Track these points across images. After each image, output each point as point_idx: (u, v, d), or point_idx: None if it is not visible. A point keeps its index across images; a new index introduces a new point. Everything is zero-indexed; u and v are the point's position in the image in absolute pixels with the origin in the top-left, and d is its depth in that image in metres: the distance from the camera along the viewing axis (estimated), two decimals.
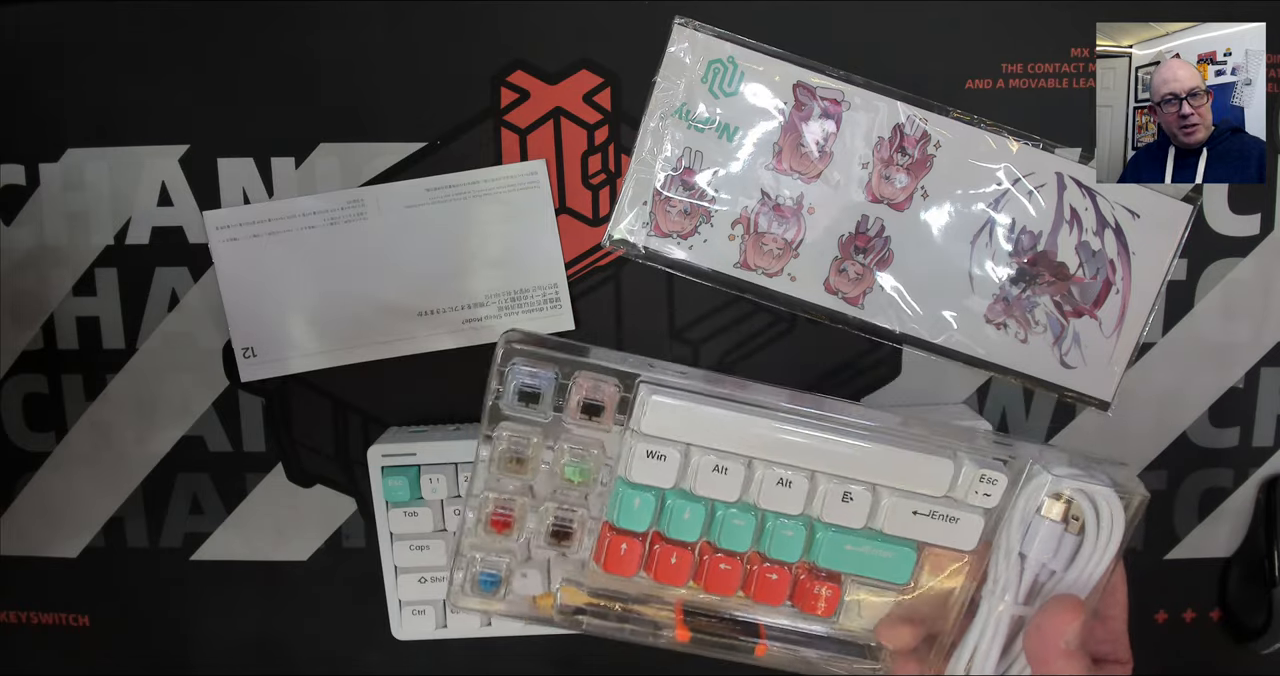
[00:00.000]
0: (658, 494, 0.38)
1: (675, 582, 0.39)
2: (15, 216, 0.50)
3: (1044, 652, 0.35)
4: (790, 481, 0.38)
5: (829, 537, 0.39)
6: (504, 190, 0.49)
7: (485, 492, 0.39)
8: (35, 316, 0.51)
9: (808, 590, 0.40)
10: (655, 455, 0.37)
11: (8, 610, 0.54)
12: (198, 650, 0.54)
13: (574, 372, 0.37)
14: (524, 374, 0.37)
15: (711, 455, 0.37)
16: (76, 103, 0.49)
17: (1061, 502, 0.37)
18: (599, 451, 0.38)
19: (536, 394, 0.37)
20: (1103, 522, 0.37)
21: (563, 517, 0.39)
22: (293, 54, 0.49)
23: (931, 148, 0.47)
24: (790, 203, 0.48)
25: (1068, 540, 0.37)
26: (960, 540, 0.38)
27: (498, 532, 0.39)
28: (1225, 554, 0.52)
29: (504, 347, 0.36)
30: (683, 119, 0.47)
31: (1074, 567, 0.37)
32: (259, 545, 0.53)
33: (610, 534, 0.39)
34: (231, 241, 0.50)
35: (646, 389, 0.37)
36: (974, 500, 0.38)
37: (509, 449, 0.38)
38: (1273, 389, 0.50)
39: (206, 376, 0.51)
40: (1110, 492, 0.36)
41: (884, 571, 0.39)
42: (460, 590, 0.40)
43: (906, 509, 0.38)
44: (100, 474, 0.52)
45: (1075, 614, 0.35)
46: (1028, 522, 0.37)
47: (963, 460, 0.38)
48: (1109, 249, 0.48)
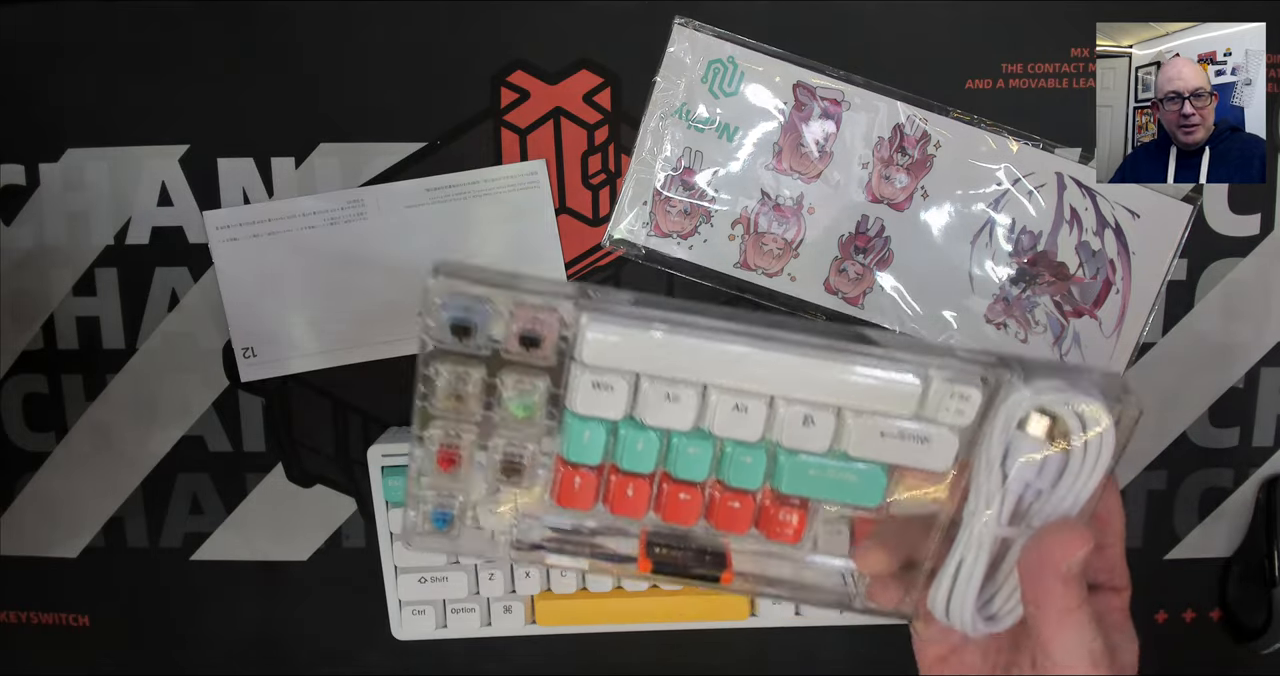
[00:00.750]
0: (608, 425, 0.36)
1: (634, 514, 0.38)
2: (15, 216, 0.50)
3: (1040, 573, 0.33)
4: (746, 407, 0.35)
5: (791, 463, 0.36)
6: (504, 190, 0.49)
7: (430, 430, 0.37)
8: (35, 316, 0.51)
9: (773, 517, 0.37)
10: (601, 386, 0.35)
11: (8, 610, 0.54)
12: (198, 650, 0.54)
13: (511, 303, 0.35)
14: (456, 306, 0.34)
15: (661, 383, 0.35)
16: (76, 103, 0.49)
17: (1045, 418, 0.34)
18: (544, 384, 0.36)
19: (469, 326, 0.34)
20: (1090, 439, 0.33)
21: (512, 453, 0.37)
22: (293, 54, 0.49)
23: (931, 148, 0.47)
24: (790, 203, 0.48)
25: (1053, 458, 0.34)
26: (934, 461, 0.35)
27: (445, 470, 0.37)
28: (1225, 554, 0.52)
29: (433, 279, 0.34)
30: (683, 119, 0.47)
31: (1060, 487, 0.34)
32: (259, 545, 0.53)
33: (564, 468, 0.37)
34: (231, 241, 0.50)
35: (587, 317, 0.34)
36: (946, 418, 0.35)
37: (448, 384, 0.36)
38: (1273, 389, 0.50)
39: (206, 376, 0.51)
40: (1097, 405, 0.33)
41: (853, 495, 0.36)
42: (415, 529, 0.38)
43: (873, 430, 0.35)
44: (100, 474, 0.52)
45: (1083, 541, 0.33)
46: (1008, 440, 0.34)
47: (932, 376, 0.35)
48: (1109, 249, 0.48)
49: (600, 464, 0.37)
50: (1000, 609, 0.36)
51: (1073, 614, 0.33)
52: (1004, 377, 0.34)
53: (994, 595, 0.36)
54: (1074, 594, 0.33)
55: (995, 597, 0.36)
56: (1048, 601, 0.33)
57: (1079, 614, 0.33)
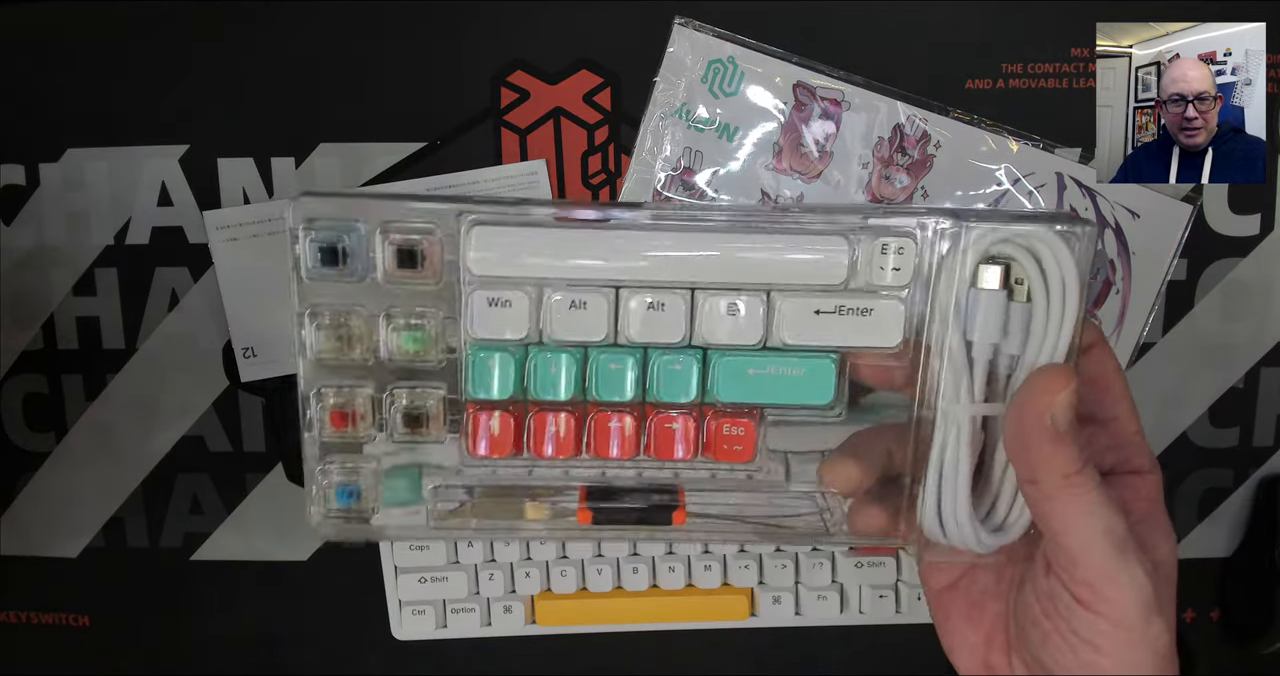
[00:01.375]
0: (516, 351, 0.32)
1: (561, 454, 0.33)
2: (15, 216, 0.50)
3: (1025, 434, 0.28)
4: (663, 304, 0.31)
5: (724, 364, 0.32)
6: (504, 190, 0.49)
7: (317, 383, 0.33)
8: (35, 316, 0.51)
9: (716, 434, 0.33)
10: (498, 302, 0.31)
11: (8, 610, 0.54)
12: (198, 650, 0.54)
13: (383, 218, 0.31)
14: (324, 229, 0.30)
15: (565, 290, 0.31)
16: (76, 103, 0.49)
17: (997, 266, 0.30)
18: (438, 312, 0.32)
19: (340, 250, 0.31)
20: (1049, 274, 0.29)
21: (414, 400, 0.33)
22: (293, 54, 0.49)
23: (931, 148, 0.47)
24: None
25: (1017, 310, 0.30)
26: (881, 335, 0.31)
27: (338, 429, 0.33)
28: (1225, 554, 0.52)
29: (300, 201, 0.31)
30: (683, 119, 0.47)
31: (1032, 342, 0.30)
32: (259, 545, 0.53)
33: (474, 410, 0.33)
34: (232, 241, 0.50)
35: (469, 222, 0.31)
36: (880, 279, 0.31)
37: (330, 324, 0.32)
38: (1273, 389, 0.50)
39: (206, 376, 0.51)
40: (1046, 232, 0.29)
41: (799, 393, 0.32)
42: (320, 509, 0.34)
43: (805, 309, 0.31)
44: (100, 474, 0.52)
45: (1061, 381, 0.27)
46: (962, 299, 0.30)
47: (859, 236, 0.31)
48: (1109, 249, 0.48)
49: (514, 399, 0.33)
50: (1006, 515, 0.31)
51: (1075, 482, 0.27)
52: (939, 227, 0.30)
53: (996, 498, 0.31)
54: (1068, 453, 0.27)
55: (998, 501, 0.31)
56: (1041, 468, 0.28)
57: (1083, 482, 0.27)
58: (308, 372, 0.32)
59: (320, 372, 0.33)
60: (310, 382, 0.32)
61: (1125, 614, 0.28)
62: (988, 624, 0.33)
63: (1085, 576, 0.28)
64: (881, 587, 0.49)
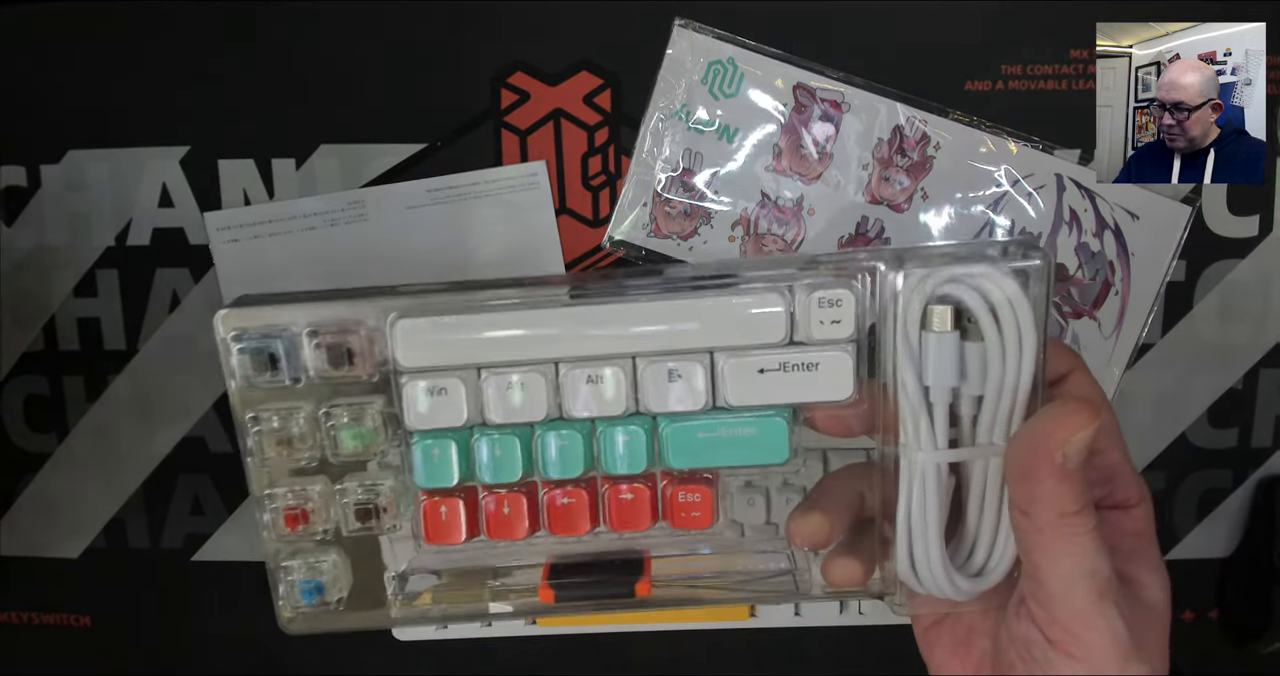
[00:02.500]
0: (461, 436, 0.32)
1: (515, 536, 0.33)
2: (16, 218, 0.50)
3: (1030, 465, 0.26)
4: (601, 376, 0.31)
5: (672, 430, 0.31)
6: (504, 191, 0.49)
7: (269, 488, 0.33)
8: (36, 317, 0.51)
9: (673, 501, 0.32)
10: (435, 390, 0.31)
11: (8, 610, 0.54)
12: (198, 650, 0.54)
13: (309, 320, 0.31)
14: (253, 337, 0.31)
15: (499, 371, 0.31)
16: (77, 103, 0.49)
17: (946, 306, 0.28)
18: (377, 405, 0.32)
19: (271, 357, 0.31)
20: (1000, 312, 0.28)
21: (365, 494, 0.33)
22: (293, 54, 0.49)
23: (931, 149, 0.47)
24: (790, 204, 0.48)
25: (973, 350, 0.28)
26: (831, 389, 0.30)
27: (292, 530, 0.33)
28: (1225, 554, 0.52)
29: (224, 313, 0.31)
30: (683, 120, 0.48)
31: (990, 383, 0.28)
32: (259, 545, 0.53)
33: (425, 498, 0.32)
34: (232, 243, 0.50)
35: (394, 316, 0.30)
36: (822, 333, 0.30)
37: (273, 429, 0.32)
38: (1272, 389, 0.50)
39: (207, 377, 0.51)
40: (990, 270, 0.28)
41: (754, 454, 0.31)
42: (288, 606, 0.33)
43: (748, 369, 0.30)
44: (101, 475, 0.52)
45: (1085, 418, 0.26)
46: (914, 344, 0.29)
47: (795, 289, 0.30)
48: (1108, 250, 0.48)
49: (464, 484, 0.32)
50: (985, 562, 0.30)
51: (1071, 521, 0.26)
52: (882, 273, 0.29)
53: (973, 544, 0.30)
54: (1072, 493, 0.26)
55: (976, 547, 0.30)
56: (1039, 502, 0.26)
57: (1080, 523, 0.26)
58: (256, 476, 0.32)
59: (268, 475, 0.33)
60: (260, 486, 0.33)
61: (1101, 660, 0.27)
62: (974, 659, 0.32)
63: (1062, 617, 0.27)
64: None
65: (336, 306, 0.31)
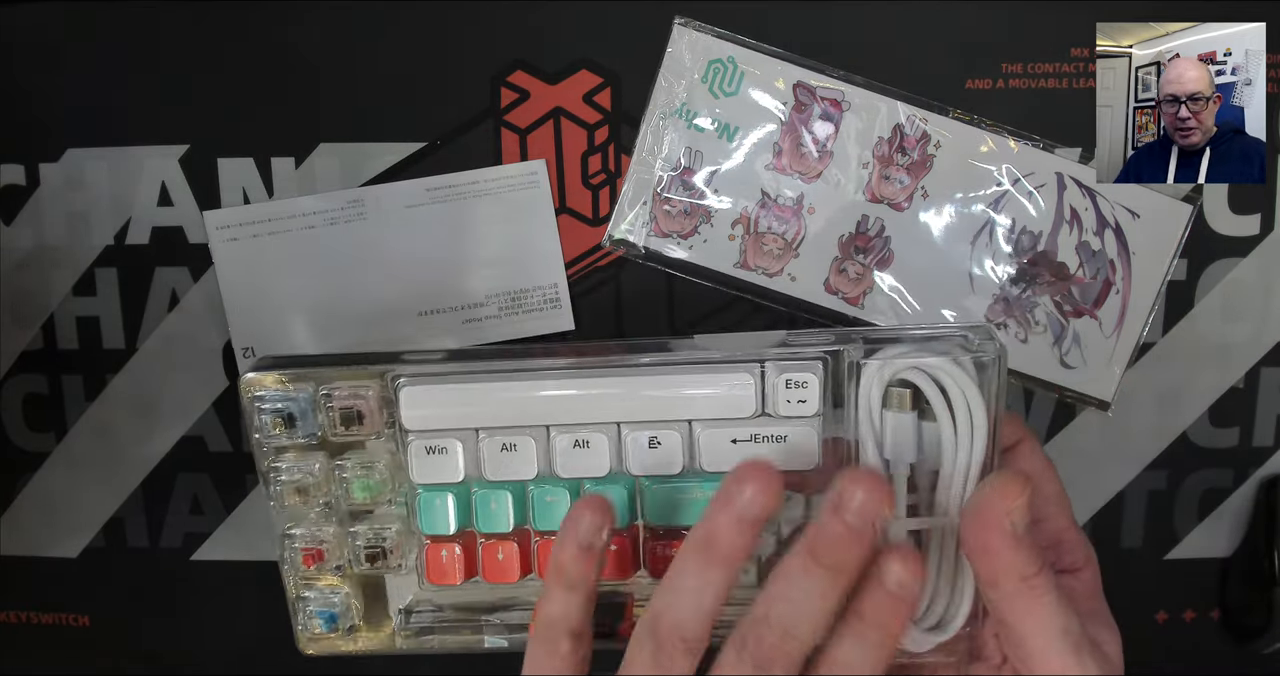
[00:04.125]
0: (460, 489, 0.35)
1: (508, 580, 0.36)
2: (15, 216, 0.50)
3: (985, 539, 0.28)
4: (588, 441, 0.34)
5: (653, 491, 0.34)
6: (504, 190, 0.49)
7: (288, 529, 0.37)
8: (35, 316, 0.51)
9: (656, 554, 0.35)
10: (435, 450, 0.34)
11: (8, 610, 0.54)
12: (198, 650, 0.54)
13: (326, 384, 0.34)
14: (274, 398, 0.35)
15: (495, 435, 0.34)
16: (76, 103, 0.49)
17: (906, 389, 0.31)
18: (383, 461, 0.36)
19: (290, 416, 0.35)
20: (953, 398, 0.31)
21: (374, 538, 0.37)
22: (293, 54, 0.49)
23: (931, 148, 0.47)
24: (790, 203, 0.48)
25: (929, 429, 0.31)
26: (798, 459, 0.33)
27: (308, 567, 0.37)
28: (1225, 554, 0.52)
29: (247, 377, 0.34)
30: (682, 119, 0.47)
31: (945, 461, 0.31)
32: (259, 545, 0.53)
33: (428, 543, 0.36)
34: (232, 241, 0.50)
35: (400, 382, 0.34)
36: (788, 410, 0.33)
37: (289, 481, 0.36)
38: (1273, 389, 0.50)
39: (206, 376, 0.51)
40: (944, 361, 0.31)
41: None
42: (306, 632, 0.38)
43: (722, 439, 0.33)
44: (100, 474, 0.52)
45: (1015, 489, 0.28)
46: (876, 421, 0.32)
47: (766, 369, 0.33)
48: (1109, 249, 0.48)
49: (461, 531, 0.36)
50: (940, 617, 0.32)
51: (1035, 585, 0.28)
52: (847, 356, 0.32)
53: (931, 601, 0.33)
54: (1027, 556, 0.28)
55: (933, 604, 0.33)
56: (1001, 572, 0.28)
57: (1042, 583, 0.28)
58: (277, 519, 0.36)
59: (287, 519, 0.37)
60: (280, 526, 0.37)
61: None
62: None
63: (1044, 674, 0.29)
64: None
65: (347, 372, 0.34)
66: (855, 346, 0.32)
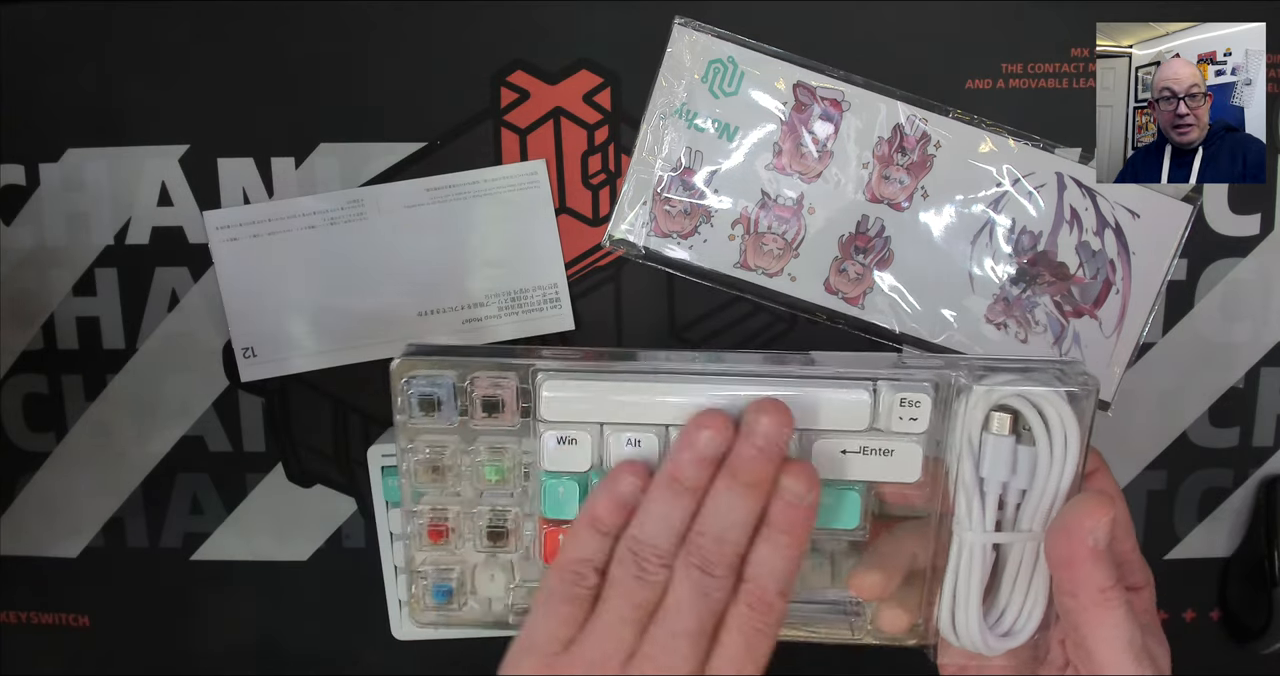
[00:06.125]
0: (580, 478, 0.37)
1: None
2: (15, 216, 0.50)
3: (1070, 552, 0.32)
4: None
5: None
6: (504, 190, 0.49)
7: (417, 505, 0.39)
8: (35, 316, 0.51)
9: None
10: (566, 441, 0.37)
11: (8, 610, 0.54)
12: (198, 650, 0.54)
13: (471, 374, 0.37)
14: (422, 383, 0.37)
15: (622, 430, 0.36)
16: (76, 103, 0.49)
17: (1006, 414, 0.34)
18: (515, 447, 0.38)
19: (436, 400, 0.37)
20: (1052, 425, 0.34)
21: (496, 518, 0.39)
22: (293, 54, 0.49)
23: (931, 148, 0.47)
24: (790, 202, 0.48)
25: (1024, 453, 0.34)
26: (902, 472, 0.36)
27: (434, 542, 0.39)
28: (1225, 554, 0.52)
29: (400, 361, 0.37)
30: (683, 119, 0.47)
31: (1037, 481, 0.34)
32: (259, 545, 0.53)
33: (546, 526, 0.38)
34: (232, 241, 0.50)
35: (541, 376, 0.36)
36: (899, 427, 0.35)
37: (425, 459, 0.38)
38: (1273, 389, 0.50)
39: (206, 376, 0.51)
40: (1049, 391, 0.34)
41: (829, 518, 0.37)
42: (419, 604, 0.40)
43: (833, 449, 0.36)
44: (100, 474, 0.52)
45: (1104, 509, 0.32)
46: (975, 443, 0.34)
47: (880, 388, 0.35)
48: (1109, 249, 0.48)
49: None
50: (1013, 623, 0.35)
51: (1110, 597, 0.31)
52: (955, 381, 0.35)
53: (1004, 609, 0.35)
54: (1106, 570, 0.31)
55: (1006, 611, 0.35)
56: (1082, 584, 0.32)
57: (1116, 596, 0.31)
58: (408, 495, 0.39)
59: (418, 496, 0.39)
60: (410, 502, 0.39)
61: None
62: None
63: None
64: None
65: (493, 363, 0.37)
66: (964, 372, 0.35)
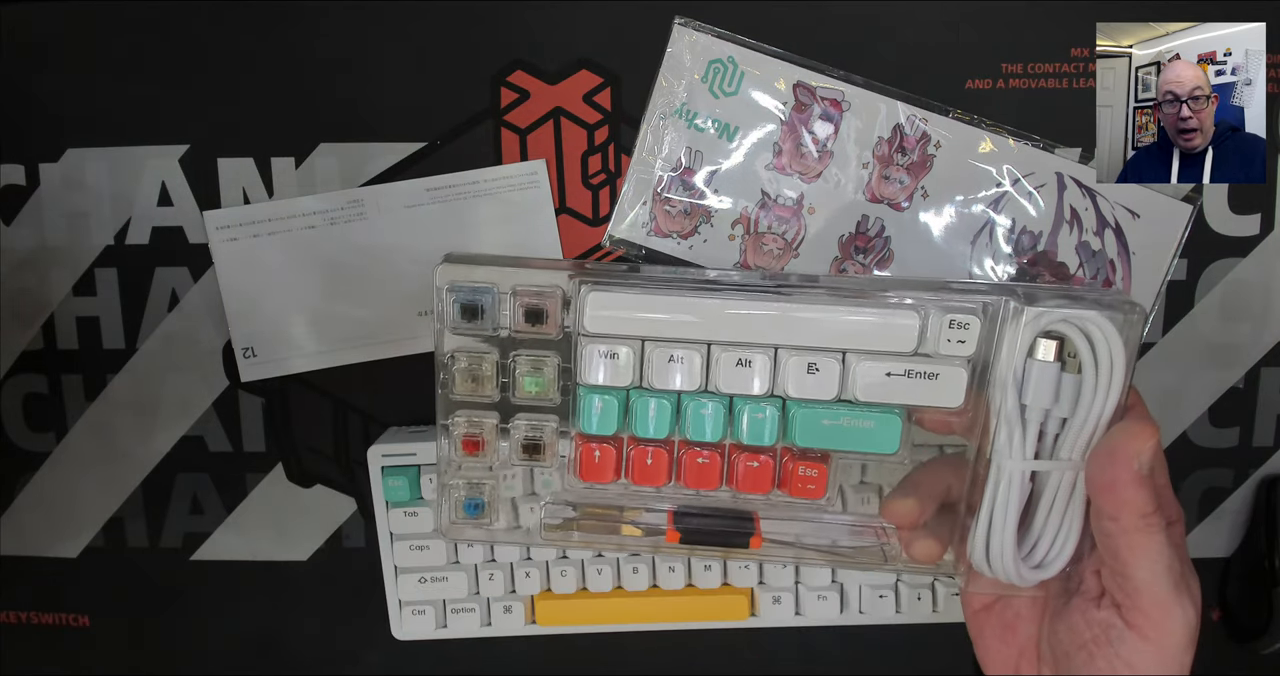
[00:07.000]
0: (620, 394, 0.37)
1: (654, 483, 0.38)
2: (15, 216, 0.50)
3: (1113, 476, 0.31)
4: (750, 361, 0.36)
5: (802, 414, 0.37)
6: (504, 190, 0.49)
7: (452, 416, 0.39)
8: (35, 316, 0.51)
9: (792, 473, 0.38)
10: (607, 354, 0.36)
11: (8, 610, 0.54)
12: (198, 650, 0.54)
13: (513, 282, 0.37)
14: (464, 290, 0.37)
15: (664, 346, 0.36)
16: (76, 103, 0.49)
17: (1053, 340, 0.33)
18: (554, 359, 0.38)
19: (478, 307, 0.36)
20: (1099, 351, 0.33)
21: (532, 431, 0.39)
22: (293, 54, 0.49)
23: (931, 148, 0.47)
24: (790, 202, 0.48)
25: (1068, 380, 0.33)
26: (945, 397, 0.35)
27: (469, 454, 0.39)
28: (1225, 554, 0.52)
29: (442, 267, 0.36)
30: (683, 119, 0.47)
31: (1080, 409, 0.33)
32: (259, 545, 0.53)
33: (582, 442, 0.38)
34: (231, 241, 0.50)
35: (585, 287, 0.36)
36: (947, 350, 0.35)
37: (465, 367, 0.38)
38: (1273, 389, 0.50)
39: (206, 376, 0.51)
40: (1098, 316, 0.33)
41: (869, 442, 0.37)
42: (450, 518, 0.40)
43: (878, 372, 0.35)
44: (100, 474, 0.52)
45: (1149, 432, 0.31)
46: (1019, 368, 0.34)
47: (929, 310, 0.35)
48: (1109, 249, 0.48)
49: (616, 435, 0.38)
50: (1045, 554, 0.35)
51: (1151, 522, 0.31)
52: (1003, 305, 0.34)
53: (1037, 540, 0.35)
54: (1148, 495, 0.31)
55: (1039, 543, 0.35)
56: (1124, 507, 0.31)
57: (1157, 522, 0.31)
58: (443, 404, 0.38)
59: (454, 405, 0.39)
60: (446, 412, 0.39)
61: (1171, 642, 0.32)
62: (1020, 642, 0.37)
63: (1145, 606, 0.32)
64: (881, 588, 0.49)
65: (537, 273, 0.36)
66: (1014, 296, 0.34)
